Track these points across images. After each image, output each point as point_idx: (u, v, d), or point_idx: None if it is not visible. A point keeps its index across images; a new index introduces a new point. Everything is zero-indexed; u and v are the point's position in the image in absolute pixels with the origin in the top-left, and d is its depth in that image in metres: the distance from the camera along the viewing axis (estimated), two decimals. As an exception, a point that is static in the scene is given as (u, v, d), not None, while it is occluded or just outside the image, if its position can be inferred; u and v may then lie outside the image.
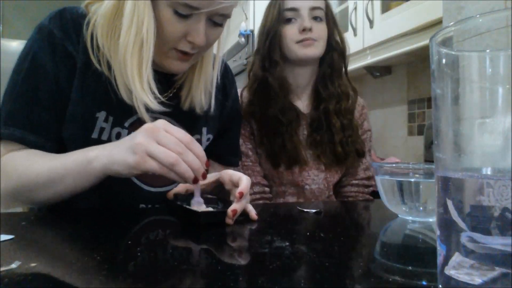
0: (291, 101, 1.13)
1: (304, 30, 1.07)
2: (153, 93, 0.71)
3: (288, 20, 1.10)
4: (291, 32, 1.09)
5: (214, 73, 0.84)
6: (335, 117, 1.11)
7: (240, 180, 0.66)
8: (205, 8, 0.67)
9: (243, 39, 2.71)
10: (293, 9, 1.09)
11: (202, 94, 0.82)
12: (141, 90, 0.69)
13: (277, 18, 1.10)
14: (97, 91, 0.73)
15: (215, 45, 0.81)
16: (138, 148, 0.59)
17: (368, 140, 1.22)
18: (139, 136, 0.60)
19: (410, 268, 0.41)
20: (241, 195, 0.62)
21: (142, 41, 0.68)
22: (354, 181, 1.18)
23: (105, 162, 0.63)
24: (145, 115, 0.71)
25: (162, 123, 0.62)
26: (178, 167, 0.58)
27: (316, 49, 1.10)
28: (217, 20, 0.72)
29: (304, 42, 1.08)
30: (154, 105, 0.70)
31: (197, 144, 0.62)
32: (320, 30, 1.10)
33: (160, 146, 0.59)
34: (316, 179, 1.12)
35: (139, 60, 0.69)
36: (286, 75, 1.13)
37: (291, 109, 1.11)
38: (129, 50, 0.68)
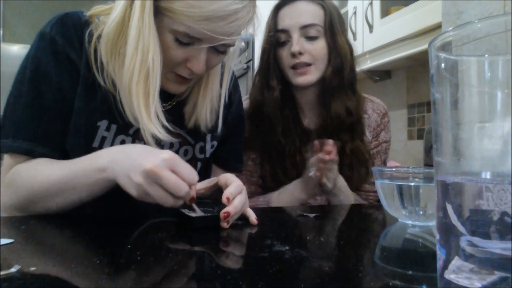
0: (299, 117, 1.08)
1: (294, 55, 0.99)
2: (161, 122, 0.69)
3: (282, 43, 1.03)
4: (284, 56, 1.02)
5: (222, 91, 0.82)
6: (337, 136, 1.02)
7: (231, 184, 0.66)
8: (207, 42, 0.66)
9: (243, 44, 2.72)
10: (283, 31, 1.02)
11: (207, 112, 0.80)
12: (149, 121, 0.67)
13: (268, 40, 1.04)
14: (100, 100, 0.72)
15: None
16: (138, 188, 0.58)
17: (382, 153, 1.13)
18: (141, 177, 0.57)
19: (410, 272, 0.41)
20: (228, 199, 0.61)
21: (148, 71, 0.66)
22: (360, 192, 1.10)
23: (114, 177, 0.62)
24: (152, 145, 0.69)
25: (167, 160, 0.58)
26: (173, 206, 0.60)
27: (311, 76, 1.01)
28: (219, 48, 0.71)
29: (297, 71, 1.01)
30: (163, 136, 0.68)
31: (196, 185, 0.62)
32: (314, 51, 1.00)
33: (160, 190, 0.58)
34: (318, 198, 1.08)
35: (145, 89, 0.67)
36: (293, 92, 1.08)
37: (296, 128, 1.06)
38: (134, 79, 0.66)
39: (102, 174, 0.63)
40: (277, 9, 1.04)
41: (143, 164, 0.57)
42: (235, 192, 0.63)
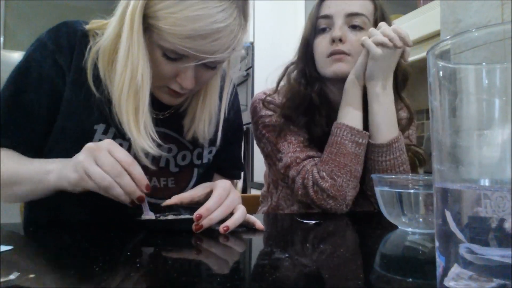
0: (331, 117, 0.97)
1: (333, 41, 0.91)
2: (151, 137, 0.70)
3: (322, 30, 0.95)
4: (322, 44, 0.94)
5: (223, 105, 0.82)
6: None
7: (211, 197, 0.65)
8: (193, 59, 0.67)
9: (243, 51, 2.72)
10: (326, 17, 0.94)
11: (205, 126, 0.81)
12: (138, 136, 0.68)
13: (311, 28, 0.97)
14: (95, 105, 0.73)
15: (225, 64, 0.79)
16: (78, 166, 0.60)
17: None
18: (81, 155, 0.61)
19: (410, 279, 0.41)
20: (206, 209, 0.62)
21: (137, 87, 0.67)
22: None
23: (57, 178, 0.64)
24: (144, 160, 0.70)
25: (106, 143, 0.62)
26: (112, 190, 0.60)
27: (347, 66, 0.92)
28: (209, 65, 0.71)
29: (334, 57, 0.92)
30: (153, 151, 0.69)
31: (137, 167, 0.62)
32: (356, 42, 0.91)
33: (98, 167, 0.59)
34: None
35: (134, 105, 0.68)
36: (327, 92, 1.00)
37: (329, 127, 0.96)
38: (124, 96, 0.67)
39: (46, 177, 0.65)
40: None
41: (86, 145, 0.61)
42: (213, 207, 0.63)
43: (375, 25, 0.92)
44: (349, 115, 0.91)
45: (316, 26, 0.96)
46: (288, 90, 1.00)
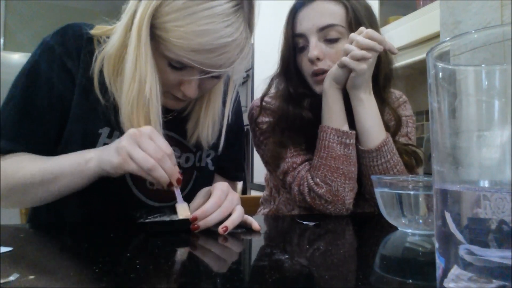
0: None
1: (312, 62, 0.91)
2: None
3: (302, 48, 0.94)
4: (304, 63, 0.94)
5: (226, 110, 0.82)
6: None
7: (209, 200, 0.66)
8: (197, 71, 0.67)
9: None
10: (301, 35, 0.93)
11: (209, 130, 0.81)
12: None
13: (288, 46, 0.96)
14: (100, 109, 0.73)
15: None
16: (121, 150, 0.62)
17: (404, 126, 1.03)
18: (124, 140, 0.63)
19: (409, 281, 0.41)
20: (202, 211, 0.62)
21: (146, 99, 0.67)
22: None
23: (98, 163, 0.65)
24: None
25: (147, 129, 0.64)
26: (154, 172, 0.62)
27: None
28: (213, 74, 0.71)
29: (315, 78, 0.92)
30: None
31: (172, 156, 0.64)
32: (336, 55, 0.90)
33: (141, 151, 0.61)
34: None
35: (144, 116, 0.68)
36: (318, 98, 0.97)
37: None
38: (134, 109, 0.68)
39: (87, 165, 0.66)
40: (293, 12, 0.96)
41: (128, 131, 0.64)
42: (210, 210, 0.64)
43: (350, 28, 0.89)
44: (333, 117, 0.89)
45: (294, 45, 0.95)
46: (276, 110, 0.99)
